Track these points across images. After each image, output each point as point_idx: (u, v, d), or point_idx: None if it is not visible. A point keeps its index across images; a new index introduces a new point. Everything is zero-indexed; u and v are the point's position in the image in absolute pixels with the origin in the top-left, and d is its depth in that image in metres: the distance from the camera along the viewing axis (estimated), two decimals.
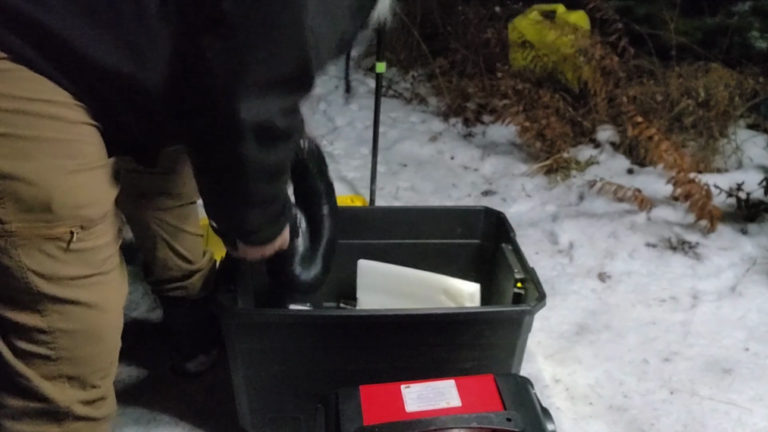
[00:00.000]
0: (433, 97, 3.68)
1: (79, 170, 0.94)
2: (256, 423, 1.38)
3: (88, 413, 1.06)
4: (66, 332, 0.98)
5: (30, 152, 0.89)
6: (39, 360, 0.99)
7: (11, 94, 0.87)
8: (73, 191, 0.94)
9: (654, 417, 1.57)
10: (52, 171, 0.91)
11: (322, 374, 1.32)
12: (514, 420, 0.96)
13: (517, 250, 1.52)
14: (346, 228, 1.67)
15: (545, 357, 1.77)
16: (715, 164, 2.80)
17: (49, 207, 0.91)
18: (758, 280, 2.10)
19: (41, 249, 0.93)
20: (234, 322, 1.25)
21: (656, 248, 2.29)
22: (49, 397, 1.00)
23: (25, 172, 0.89)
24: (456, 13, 3.98)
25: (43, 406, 1.01)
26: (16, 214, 0.90)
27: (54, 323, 0.97)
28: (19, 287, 0.94)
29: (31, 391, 1.00)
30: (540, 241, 2.35)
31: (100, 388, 1.07)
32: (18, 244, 0.91)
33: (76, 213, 0.94)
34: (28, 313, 0.96)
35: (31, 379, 0.99)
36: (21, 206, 0.90)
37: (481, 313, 1.35)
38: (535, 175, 2.82)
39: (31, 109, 0.89)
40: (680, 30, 3.21)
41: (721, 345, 1.82)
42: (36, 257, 0.93)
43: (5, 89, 0.87)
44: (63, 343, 0.99)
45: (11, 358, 0.98)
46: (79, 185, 0.94)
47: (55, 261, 0.94)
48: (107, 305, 1.03)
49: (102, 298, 1.01)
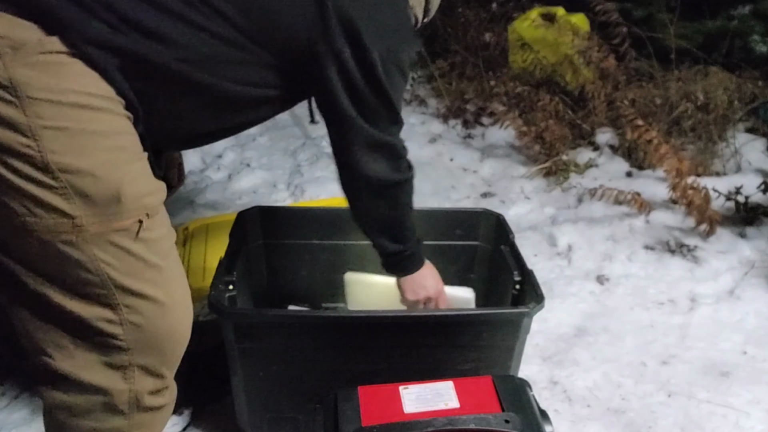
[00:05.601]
0: (432, 98, 3.69)
1: (134, 160, 0.96)
2: (254, 423, 1.38)
3: (152, 403, 1.06)
4: (137, 324, 0.99)
5: (86, 145, 0.90)
6: (111, 351, 0.99)
7: (61, 87, 0.88)
8: (136, 181, 0.95)
9: (651, 419, 1.57)
10: (113, 162, 0.92)
11: (320, 375, 1.32)
12: (512, 422, 0.96)
13: (516, 252, 1.52)
14: (345, 229, 1.67)
15: (543, 359, 1.77)
16: (713, 168, 2.80)
17: (119, 199, 0.92)
18: (756, 283, 2.10)
19: (112, 241, 0.93)
20: (233, 323, 1.25)
21: (655, 251, 2.29)
22: (116, 388, 1.00)
23: (87, 165, 0.89)
24: (456, 15, 3.98)
25: (108, 399, 1.01)
26: (84, 208, 0.90)
27: (125, 315, 0.97)
28: (92, 281, 0.94)
29: (95, 384, 0.99)
30: (539, 244, 2.35)
31: (167, 378, 1.07)
32: (89, 239, 0.91)
33: (141, 202, 0.95)
34: (101, 306, 0.96)
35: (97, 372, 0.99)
36: (89, 201, 0.90)
37: (479, 314, 1.35)
38: (534, 178, 2.82)
39: (80, 101, 0.89)
40: (680, 33, 3.21)
41: (719, 348, 1.83)
42: (108, 250, 0.93)
43: (54, 83, 0.87)
44: (135, 334, 0.99)
45: (78, 351, 0.98)
46: (138, 175, 0.96)
47: (127, 252, 0.95)
48: (175, 300, 1.03)
49: (169, 293, 1.02)
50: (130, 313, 0.98)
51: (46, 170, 0.87)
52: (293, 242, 1.69)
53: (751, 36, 3.28)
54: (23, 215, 0.88)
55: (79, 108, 0.89)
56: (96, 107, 0.91)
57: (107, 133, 0.92)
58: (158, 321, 1.01)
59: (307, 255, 1.70)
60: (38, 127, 0.86)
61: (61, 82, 0.88)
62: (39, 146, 0.86)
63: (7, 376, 1.63)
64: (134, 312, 0.98)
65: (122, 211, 0.93)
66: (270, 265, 1.70)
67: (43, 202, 0.88)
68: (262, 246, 1.67)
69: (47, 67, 0.87)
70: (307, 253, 1.70)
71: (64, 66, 0.89)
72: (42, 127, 0.86)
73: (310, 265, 1.71)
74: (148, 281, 0.98)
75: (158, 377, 1.05)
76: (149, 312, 0.99)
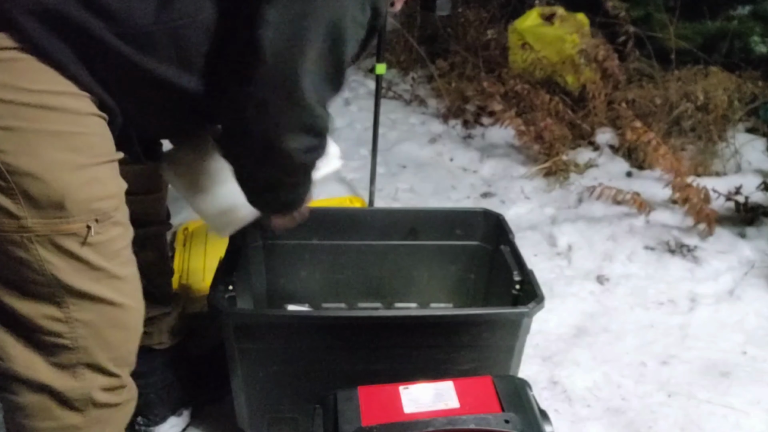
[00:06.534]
0: (432, 98, 3.68)
1: (90, 164, 0.93)
2: (254, 423, 1.38)
3: (108, 400, 1.05)
4: (84, 323, 0.97)
5: (36, 146, 0.87)
6: (57, 349, 0.98)
7: (14, 85, 0.85)
8: (86, 187, 0.92)
9: (651, 420, 1.57)
10: (61, 166, 0.89)
11: (320, 375, 1.32)
12: (512, 422, 0.96)
13: (516, 252, 1.52)
14: (345, 229, 1.67)
15: (543, 359, 1.77)
16: (713, 168, 2.80)
17: (62, 204, 0.90)
18: (756, 283, 2.10)
19: (58, 244, 0.92)
20: (232, 323, 1.25)
21: (655, 251, 2.29)
22: (67, 387, 0.99)
23: (33, 167, 0.87)
24: (456, 15, 3.99)
25: (60, 398, 1.00)
26: (30, 210, 0.89)
27: (72, 314, 0.96)
28: (37, 279, 0.93)
29: (46, 384, 0.99)
30: (539, 244, 2.35)
31: (122, 377, 1.06)
32: (35, 240, 0.90)
33: (90, 207, 0.93)
34: (46, 305, 0.95)
35: (46, 371, 0.98)
36: (34, 203, 0.89)
37: (479, 314, 1.35)
38: (534, 178, 2.82)
39: (33, 101, 0.87)
40: (680, 34, 3.21)
41: (718, 348, 1.83)
42: (54, 252, 0.92)
43: (8, 80, 0.85)
44: (81, 332, 0.98)
45: (26, 351, 0.97)
46: (91, 180, 0.93)
47: (73, 256, 0.93)
48: (123, 298, 1.01)
49: (119, 291, 1.00)
50: (77, 311, 0.96)
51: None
52: (293, 242, 1.68)
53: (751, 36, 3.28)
54: None
55: (32, 108, 0.86)
56: (52, 106, 0.88)
57: (61, 134, 0.89)
58: (105, 319, 0.99)
59: (307, 255, 1.70)
60: None
61: (14, 80, 0.85)
62: None
63: None
64: (81, 310, 0.96)
65: (68, 215, 0.91)
66: (270, 265, 1.70)
67: None
68: (262, 246, 1.67)
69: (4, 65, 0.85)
70: (307, 253, 1.70)
71: (17, 62, 0.86)
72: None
73: (310, 265, 1.71)
74: (96, 281, 0.96)
75: (111, 375, 1.04)
76: (96, 310, 0.98)
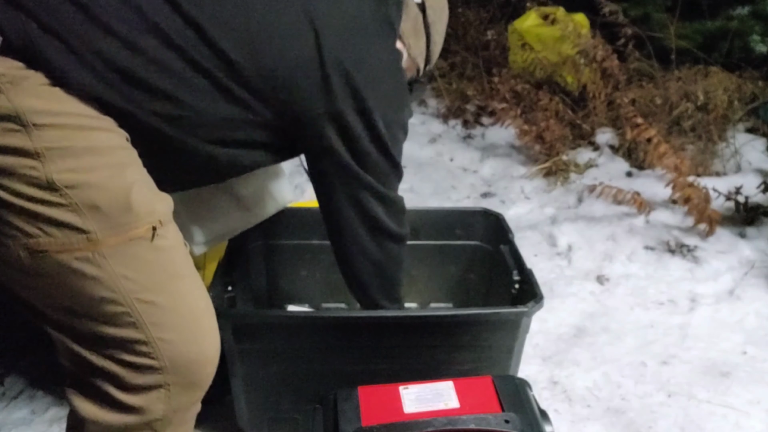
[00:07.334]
0: (432, 98, 3.69)
1: (137, 173, 0.97)
2: (254, 423, 1.38)
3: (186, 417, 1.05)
4: (164, 341, 0.96)
5: (93, 162, 0.91)
6: (146, 371, 0.97)
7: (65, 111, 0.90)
8: (143, 190, 0.95)
9: (651, 420, 1.57)
10: (118, 175, 0.93)
11: (320, 375, 1.32)
12: (512, 422, 0.96)
13: (516, 252, 1.52)
14: None
15: (543, 359, 1.77)
16: (713, 168, 2.80)
17: (129, 207, 0.91)
18: (756, 283, 2.10)
19: (129, 252, 0.92)
20: (232, 323, 1.25)
21: (655, 251, 2.29)
22: (149, 408, 0.98)
23: (96, 179, 0.90)
24: (456, 15, 3.99)
25: (140, 419, 0.98)
26: (98, 222, 0.90)
27: (150, 333, 0.95)
28: (110, 298, 0.92)
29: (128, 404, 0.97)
30: (538, 243, 2.35)
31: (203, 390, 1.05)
32: (106, 253, 0.91)
33: (152, 208, 0.95)
34: (123, 327, 0.94)
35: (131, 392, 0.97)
36: (100, 213, 0.90)
37: (479, 314, 1.35)
38: (534, 178, 2.82)
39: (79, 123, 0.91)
40: (680, 33, 3.21)
41: (719, 348, 1.83)
42: (125, 262, 0.92)
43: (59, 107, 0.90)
44: (164, 352, 0.97)
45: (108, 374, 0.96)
46: (144, 184, 0.97)
47: (144, 261, 0.94)
48: (197, 311, 1.01)
49: (190, 303, 1.00)
50: (156, 330, 0.95)
51: (52, 189, 0.88)
52: (293, 242, 1.69)
53: (751, 36, 3.28)
54: (36, 236, 0.88)
55: (77, 129, 0.91)
56: (93, 127, 0.93)
57: (108, 149, 0.93)
58: (183, 331, 0.98)
59: (307, 255, 1.70)
60: (43, 149, 0.87)
61: (59, 106, 0.90)
62: (44, 167, 0.87)
63: (6, 375, 1.63)
64: (160, 328, 0.96)
65: (134, 219, 0.92)
66: (270, 266, 1.70)
67: (55, 220, 0.88)
68: (262, 246, 1.67)
69: (44, 95, 0.90)
70: (307, 253, 1.70)
71: (54, 91, 0.91)
72: (46, 149, 0.87)
73: (309, 265, 1.71)
74: (169, 293, 0.97)
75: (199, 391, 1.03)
76: (172, 323, 0.97)
